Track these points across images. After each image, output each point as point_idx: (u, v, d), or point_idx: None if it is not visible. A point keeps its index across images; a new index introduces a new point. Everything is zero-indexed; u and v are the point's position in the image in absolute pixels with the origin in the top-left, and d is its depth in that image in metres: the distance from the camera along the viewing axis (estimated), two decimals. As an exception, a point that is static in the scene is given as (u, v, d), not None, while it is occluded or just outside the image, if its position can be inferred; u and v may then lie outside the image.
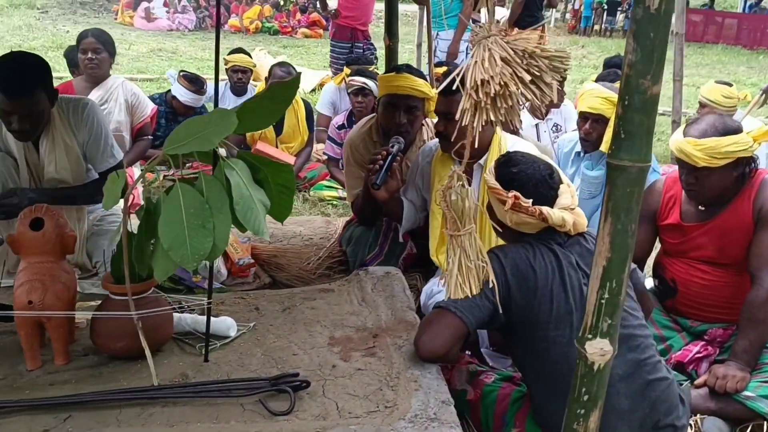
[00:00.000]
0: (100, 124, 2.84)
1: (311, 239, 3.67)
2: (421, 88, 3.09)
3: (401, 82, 3.07)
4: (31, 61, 2.62)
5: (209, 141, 1.76)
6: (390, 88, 3.10)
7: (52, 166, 2.80)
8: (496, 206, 2.10)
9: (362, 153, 3.25)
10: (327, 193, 4.96)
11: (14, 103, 2.54)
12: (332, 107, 5.80)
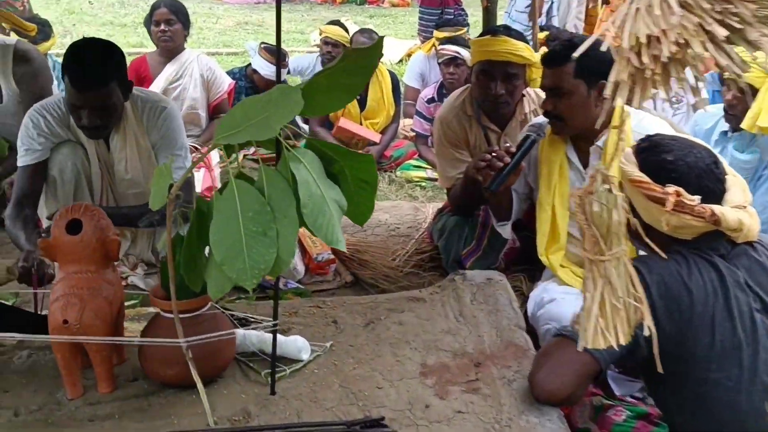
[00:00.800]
0: (174, 132, 2.53)
1: (397, 228, 3.28)
2: (521, 52, 2.61)
3: (498, 46, 2.60)
4: (103, 50, 2.33)
5: (269, 127, 1.38)
6: (485, 53, 2.64)
7: (122, 165, 2.53)
8: (644, 205, 1.62)
9: (456, 131, 2.81)
10: (415, 173, 4.55)
11: (84, 96, 2.26)
12: (421, 79, 5.35)
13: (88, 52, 2.30)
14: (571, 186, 2.48)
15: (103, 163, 2.54)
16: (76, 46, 2.34)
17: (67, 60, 2.28)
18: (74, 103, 2.29)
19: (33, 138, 2.43)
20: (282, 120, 1.37)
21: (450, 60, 4.52)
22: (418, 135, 4.75)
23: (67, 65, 2.27)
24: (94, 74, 2.25)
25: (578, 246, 2.47)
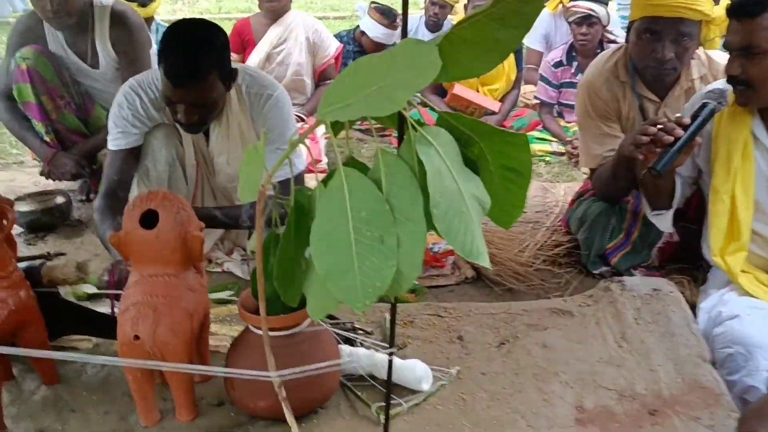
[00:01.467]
0: (281, 123, 2.21)
1: (524, 213, 2.83)
2: (699, 5, 2.08)
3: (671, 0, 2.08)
4: (203, 37, 2.00)
5: (391, 98, 1.00)
6: (652, 7, 2.12)
7: (223, 157, 2.25)
8: None
9: (606, 99, 2.33)
10: (538, 146, 4.06)
11: (180, 91, 1.97)
12: (544, 41, 4.80)
13: (184, 39, 1.97)
14: (757, 170, 1.96)
15: (201, 154, 2.28)
16: (173, 31, 2.01)
17: (162, 47, 1.97)
18: (169, 97, 2.01)
19: (127, 119, 2.17)
20: (410, 89, 0.98)
21: (582, 19, 3.96)
22: (542, 103, 4.24)
23: (162, 53, 1.96)
24: (190, 67, 1.93)
25: (766, 247, 1.97)
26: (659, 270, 2.36)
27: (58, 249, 2.55)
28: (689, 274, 2.35)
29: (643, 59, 2.19)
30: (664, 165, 1.84)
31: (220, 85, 2.03)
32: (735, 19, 1.84)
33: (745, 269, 1.97)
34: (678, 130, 1.84)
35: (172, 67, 1.94)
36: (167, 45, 1.97)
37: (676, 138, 1.84)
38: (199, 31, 2.01)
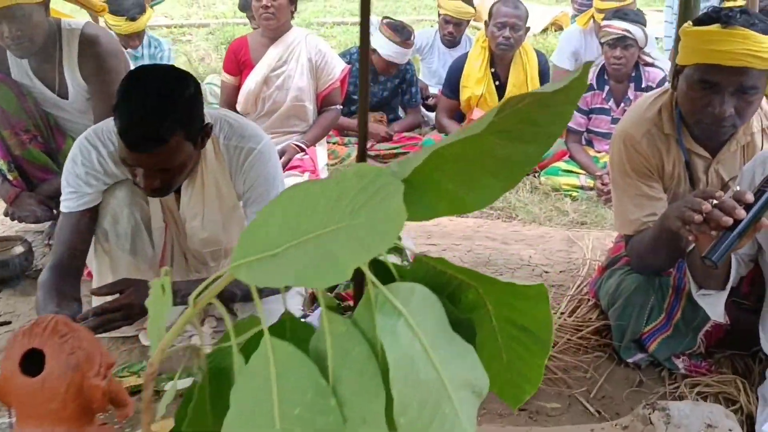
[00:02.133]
0: (266, 181, 1.89)
1: (546, 273, 2.47)
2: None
3: (733, 45, 1.68)
4: (167, 89, 1.65)
5: (334, 261, 0.64)
6: (707, 54, 1.72)
7: (197, 221, 1.94)
8: None
9: (646, 155, 1.94)
10: (564, 180, 3.67)
11: (137, 155, 1.64)
12: (574, 59, 4.40)
13: (143, 94, 1.62)
14: (838, 257, 1.57)
15: (170, 215, 1.96)
16: (130, 81, 1.66)
17: (117, 100, 1.63)
18: (125, 159, 1.68)
19: (80, 177, 1.85)
20: (361, 252, 0.62)
21: (617, 41, 3.55)
22: (569, 131, 3.84)
23: (116, 108, 1.63)
24: (148, 129, 1.60)
25: None
26: (706, 359, 1.97)
27: (10, 309, 2.24)
28: (743, 364, 1.96)
29: (696, 114, 1.79)
30: (721, 255, 1.46)
31: (187, 146, 1.70)
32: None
33: (822, 382, 1.59)
34: (739, 211, 1.45)
35: (127, 128, 1.61)
36: (122, 98, 1.63)
37: (736, 220, 1.46)
38: (161, 84, 1.66)
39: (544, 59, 4.00)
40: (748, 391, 1.79)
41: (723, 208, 1.47)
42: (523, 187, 3.67)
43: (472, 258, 2.58)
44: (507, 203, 3.49)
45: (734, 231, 1.45)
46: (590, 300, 2.21)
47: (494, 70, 3.89)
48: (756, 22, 1.69)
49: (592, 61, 0.65)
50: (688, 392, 1.83)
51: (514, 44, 3.75)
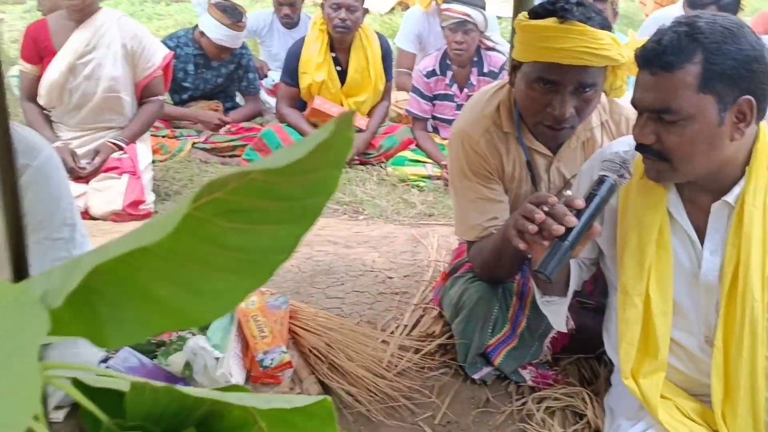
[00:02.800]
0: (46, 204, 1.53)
1: (390, 280, 2.29)
2: (606, 50, 1.57)
3: (571, 42, 1.54)
4: None
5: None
6: (545, 51, 1.58)
7: None
8: None
9: (485, 155, 1.79)
10: (411, 170, 3.53)
11: None
12: (418, 42, 4.27)
13: None
14: (676, 263, 1.50)
15: None
16: None
17: None
18: None
19: None
20: None
21: (457, 25, 3.44)
22: (415, 118, 3.71)
23: None
24: None
25: (691, 362, 1.52)
26: (552, 367, 1.88)
27: None
28: (589, 368, 1.89)
29: (537, 115, 1.66)
30: (554, 267, 1.32)
31: None
32: (648, 72, 1.35)
33: (665, 394, 1.52)
34: (570, 218, 1.32)
35: None
36: None
37: (567, 228, 1.33)
38: None
39: (386, 42, 3.82)
40: (595, 404, 1.71)
41: (554, 215, 1.33)
42: (369, 179, 3.50)
43: (311, 266, 2.35)
44: (354, 197, 3.30)
45: (566, 240, 1.32)
46: (435, 309, 2.06)
47: (335, 55, 3.66)
48: (593, 15, 1.57)
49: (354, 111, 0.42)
50: (536, 408, 1.72)
51: (351, 26, 3.52)
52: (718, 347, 1.45)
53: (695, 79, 1.29)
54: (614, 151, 1.59)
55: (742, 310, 1.40)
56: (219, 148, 3.69)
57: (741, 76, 1.29)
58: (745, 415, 1.42)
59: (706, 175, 1.39)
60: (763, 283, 1.39)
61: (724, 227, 1.44)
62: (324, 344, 1.83)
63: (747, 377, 1.41)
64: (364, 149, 3.63)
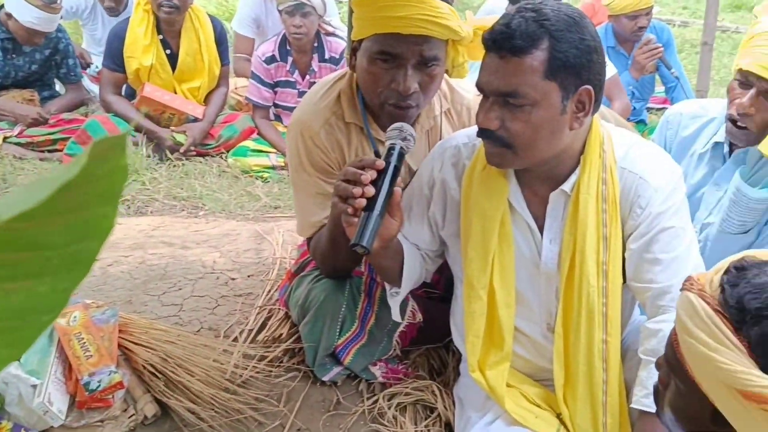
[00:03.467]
0: None
1: (233, 281, 2.16)
2: (446, 19, 1.52)
3: (409, 10, 1.49)
4: None
5: None
6: (383, 21, 1.51)
7: None
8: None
9: (325, 148, 1.70)
10: (254, 161, 3.38)
11: None
12: (256, 25, 4.10)
13: None
14: (517, 253, 1.51)
15: None
16: None
17: None
18: None
19: None
20: None
21: (294, 8, 3.32)
22: (255, 106, 3.56)
23: None
24: None
25: (534, 349, 1.55)
26: (402, 361, 1.86)
27: None
28: (438, 359, 1.89)
29: (380, 94, 1.58)
30: (369, 237, 1.30)
31: None
32: (496, 55, 1.33)
33: (510, 382, 1.53)
34: (368, 188, 1.31)
35: None
36: None
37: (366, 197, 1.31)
38: None
39: (219, 24, 3.61)
40: (444, 396, 1.70)
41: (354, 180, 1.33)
42: (209, 172, 3.32)
43: (144, 272, 2.16)
44: (192, 192, 3.11)
45: (373, 210, 1.31)
46: (281, 309, 1.96)
47: (162, 37, 3.41)
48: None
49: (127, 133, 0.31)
50: (387, 406, 1.68)
51: (180, 6, 3.29)
52: (558, 333, 1.48)
53: (542, 65, 1.29)
54: (453, 144, 1.58)
55: (579, 297, 1.44)
56: (36, 143, 3.33)
57: (582, 66, 1.30)
58: (584, 397, 1.46)
59: (545, 163, 1.41)
60: (598, 269, 1.43)
61: (561, 216, 1.46)
62: (159, 359, 1.67)
63: (585, 361, 1.45)
64: (201, 140, 3.43)
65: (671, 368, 0.90)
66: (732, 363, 0.77)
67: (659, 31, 3.87)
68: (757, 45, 1.62)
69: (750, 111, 1.64)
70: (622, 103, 3.29)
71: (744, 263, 0.83)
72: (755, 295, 0.78)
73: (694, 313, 0.83)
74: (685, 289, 0.88)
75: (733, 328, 0.79)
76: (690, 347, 0.83)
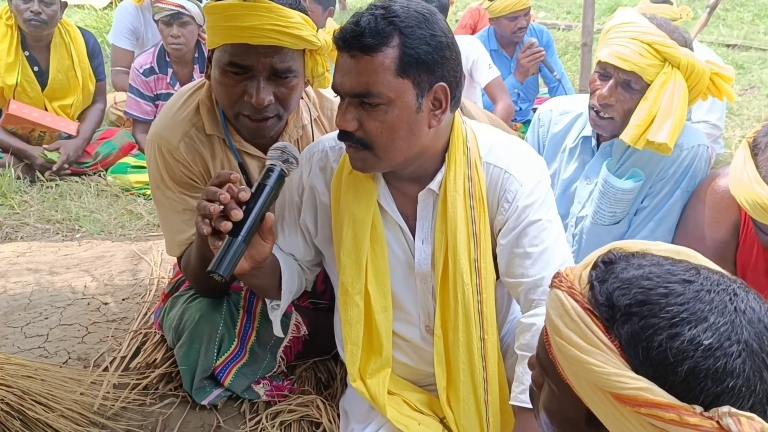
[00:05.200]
0: None
1: (105, 306, 2.02)
2: (299, 29, 1.48)
3: (258, 21, 1.43)
4: None
5: None
6: (232, 31, 1.45)
7: None
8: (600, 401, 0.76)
9: (186, 162, 1.61)
10: (135, 177, 3.21)
11: None
12: (134, 38, 3.92)
13: None
14: (391, 255, 1.47)
15: None
16: None
17: None
18: None
19: None
20: None
21: (171, 17, 3.19)
22: (136, 121, 3.40)
23: None
24: None
25: (415, 353, 1.51)
26: (287, 377, 1.79)
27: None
28: (326, 371, 1.83)
29: (233, 105, 1.52)
30: (227, 266, 1.21)
31: None
32: (347, 55, 1.29)
33: (392, 389, 1.49)
34: (235, 211, 1.22)
35: None
36: None
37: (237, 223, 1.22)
38: None
39: (92, 38, 3.42)
40: (329, 409, 1.64)
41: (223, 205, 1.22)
42: (86, 191, 3.13)
43: (6, 302, 1.99)
44: (67, 214, 2.92)
45: (238, 235, 1.21)
46: (157, 333, 1.84)
47: (29, 54, 3.20)
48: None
49: None
50: (270, 425, 1.61)
51: (47, 20, 3.09)
52: (438, 335, 1.45)
53: (393, 63, 1.26)
54: (320, 148, 1.52)
55: (456, 296, 1.41)
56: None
57: (435, 62, 1.28)
58: (467, 397, 1.44)
59: (408, 164, 1.38)
60: (471, 266, 1.41)
61: (431, 215, 1.44)
62: (15, 396, 1.53)
63: (465, 360, 1.43)
64: (76, 157, 3.23)
65: (544, 369, 0.86)
66: (604, 365, 0.73)
67: (539, 34, 3.99)
68: (612, 38, 1.66)
69: (610, 101, 1.68)
70: (505, 104, 3.34)
71: (611, 257, 0.79)
72: (623, 291, 0.74)
73: (564, 312, 0.78)
74: (554, 286, 0.83)
75: (603, 328, 0.74)
76: (561, 348, 0.78)
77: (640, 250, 0.79)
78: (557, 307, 0.79)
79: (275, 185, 1.28)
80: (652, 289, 0.72)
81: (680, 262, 0.76)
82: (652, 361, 0.69)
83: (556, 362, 0.80)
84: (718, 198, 1.59)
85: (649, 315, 0.71)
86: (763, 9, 8.36)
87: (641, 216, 1.76)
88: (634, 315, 0.72)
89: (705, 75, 1.60)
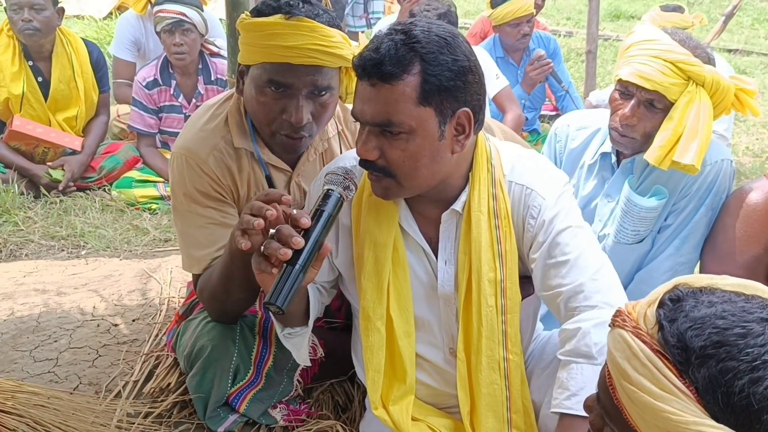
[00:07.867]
0: None
1: (115, 328, 1.98)
2: (339, 48, 1.45)
3: (301, 40, 1.41)
4: None
5: None
6: (273, 50, 1.42)
7: None
8: None
9: (215, 176, 1.57)
10: (140, 192, 3.17)
11: None
12: (136, 49, 3.88)
13: None
14: (413, 279, 1.44)
15: None
16: None
17: None
18: None
19: None
20: None
21: (173, 25, 3.16)
22: (140, 134, 3.36)
23: None
24: None
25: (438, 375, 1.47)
26: (305, 400, 1.75)
27: None
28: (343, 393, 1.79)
29: (270, 123, 1.49)
30: (286, 296, 1.16)
31: None
32: (366, 82, 1.25)
33: (416, 415, 1.45)
34: (297, 239, 1.17)
35: None
36: None
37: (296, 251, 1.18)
38: None
39: (96, 49, 3.38)
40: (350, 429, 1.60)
41: (279, 238, 1.18)
42: (91, 207, 3.08)
43: (14, 325, 1.95)
44: (72, 230, 2.87)
45: (296, 264, 1.17)
46: (170, 356, 1.80)
47: (33, 63, 3.16)
48: (320, 12, 1.46)
49: None
50: (289, 452, 1.57)
51: (41, 28, 3.04)
52: (461, 359, 1.42)
53: (414, 91, 1.23)
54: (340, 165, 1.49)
55: (479, 318, 1.38)
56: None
57: (458, 88, 1.25)
58: (491, 419, 1.40)
59: (431, 189, 1.34)
60: (496, 288, 1.37)
61: (454, 236, 1.41)
62: (28, 427, 1.49)
63: (487, 382, 1.38)
64: (81, 174, 3.19)
65: (607, 414, 0.80)
66: (681, 413, 0.68)
67: (546, 42, 3.96)
68: (633, 55, 1.63)
69: (632, 121, 1.64)
70: (514, 114, 3.31)
71: (679, 293, 0.74)
72: (696, 332, 0.69)
73: (632, 355, 0.73)
74: (616, 325, 0.78)
75: (677, 372, 0.69)
76: (631, 394, 0.73)
77: (707, 285, 0.74)
78: (624, 349, 0.74)
79: (333, 211, 1.23)
80: (728, 329, 0.68)
81: (753, 298, 0.71)
82: (734, 408, 0.65)
83: (623, 408, 0.75)
84: (750, 211, 1.56)
85: (728, 357, 0.66)
86: (763, 13, 8.38)
87: (665, 234, 1.73)
88: (711, 357, 0.67)
89: (730, 92, 1.57)
